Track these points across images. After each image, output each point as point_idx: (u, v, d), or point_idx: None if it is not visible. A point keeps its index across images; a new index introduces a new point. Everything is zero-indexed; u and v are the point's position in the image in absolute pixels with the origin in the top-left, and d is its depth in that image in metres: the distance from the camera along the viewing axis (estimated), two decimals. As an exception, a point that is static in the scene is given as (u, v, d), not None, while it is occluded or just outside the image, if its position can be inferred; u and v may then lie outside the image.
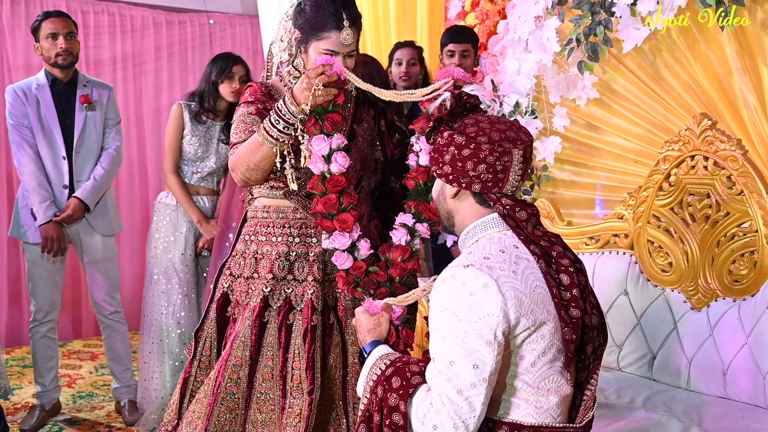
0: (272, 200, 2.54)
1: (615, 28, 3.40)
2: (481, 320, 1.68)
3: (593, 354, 1.87)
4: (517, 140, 1.82)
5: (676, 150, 3.08)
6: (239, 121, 2.46)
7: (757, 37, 3.17)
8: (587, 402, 1.86)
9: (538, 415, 1.77)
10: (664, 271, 3.12)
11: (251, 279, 2.52)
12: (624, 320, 3.19)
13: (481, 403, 1.69)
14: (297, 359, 2.43)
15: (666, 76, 3.45)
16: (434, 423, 1.69)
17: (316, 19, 2.40)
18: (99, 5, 5.59)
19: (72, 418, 4.07)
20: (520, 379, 1.76)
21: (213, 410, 2.39)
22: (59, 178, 3.81)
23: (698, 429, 2.58)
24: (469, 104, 1.98)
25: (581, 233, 3.45)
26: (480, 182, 1.82)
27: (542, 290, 1.76)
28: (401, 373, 1.79)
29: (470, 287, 1.70)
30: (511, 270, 1.73)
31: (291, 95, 2.26)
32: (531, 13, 3.67)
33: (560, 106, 3.73)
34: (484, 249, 1.79)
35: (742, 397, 2.80)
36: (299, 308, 2.47)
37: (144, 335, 3.86)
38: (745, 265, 2.88)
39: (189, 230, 3.88)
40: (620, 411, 2.77)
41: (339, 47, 2.39)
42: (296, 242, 2.50)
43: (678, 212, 3.08)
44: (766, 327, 2.76)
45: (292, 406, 2.40)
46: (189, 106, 3.87)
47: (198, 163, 3.87)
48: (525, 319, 1.71)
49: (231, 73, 3.82)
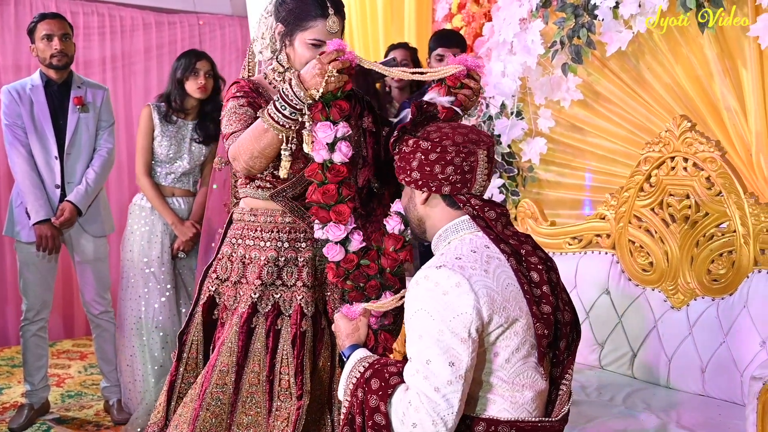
0: (259, 201, 2.50)
1: (598, 30, 3.45)
2: (455, 319, 1.72)
3: (567, 349, 1.91)
4: (480, 141, 1.87)
5: (657, 151, 3.13)
6: (231, 113, 2.38)
7: (737, 40, 3.22)
8: (563, 396, 1.90)
9: (514, 410, 1.81)
10: (645, 271, 3.17)
11: (239, 284, 2.48)
12: (606, 319, 3.24)
13: (458, 400, 1.72)
14: (285, 364, 2.41)
15: (648, 79, 3.50)
16: (413, 421, 1.73)
17: (300, 9, 2.35)
18: (88, 6, 5.61)
19: (61, 417, 4.09)
20: (496, 376, 1.80)
21: (198, 415, 2.37)
22: (51, 178, 3.85)
23: (676, 425, 2.63)
24: (429, 113, 2.00)
25: (564, 233, 3.49)
26: (449, 184, 1.87)
27: (514, 288, 1.80)
28: (380, 375, 1.83)
29: (443, 287, 1.74)
30: (482, 269, 1.78)
31: (298, 79, 2.13)
32: (516, 16, 3.71)
33: (545, 107, 3.77)
34: (455, 250, 1.84)
35: (720, 395, 2.85)
36: (288, 314, 2.45)
37: (124, 338, 3.83)
38: (724, 264, 2.93)
39: (165, 232, 3.86)
40: (600, 408, 2.81)
41: (326, 36, 2.34)
42: (285, 247, 2.47)
43: (658, 212, 3.13)
44: (744, 325, 2.82)
45: (279, 409, 2.40)
46: (158, 107, 3.85)
47: (171, 164, 3.85)
48: (498, 316, 1.75)
49: (195, 69, 3.78)
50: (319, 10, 2.33)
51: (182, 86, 3.80)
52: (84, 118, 3.91)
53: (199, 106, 3.87)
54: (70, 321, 5.71)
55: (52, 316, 5.39)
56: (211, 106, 3.86)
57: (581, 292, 3.33)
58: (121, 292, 3.88)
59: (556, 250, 3.47)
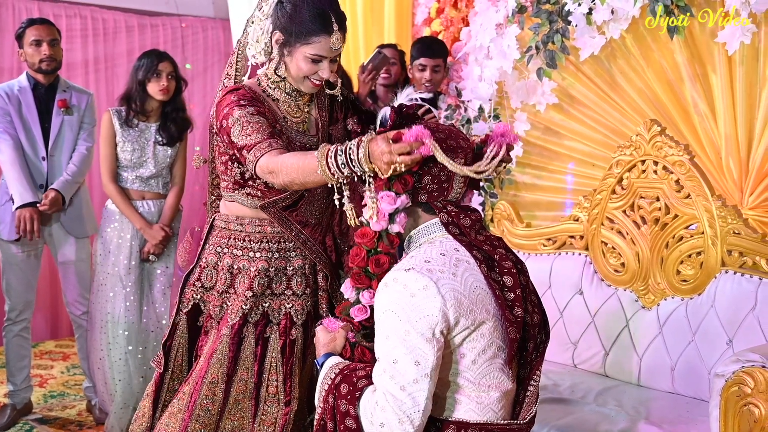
0: (246, 210, 2.46)
1: (572, 36, 3.52)
2: (421, 320, 1.76)
3: (535, 351, 1.95)
4: (458, 149, 1.88)
5: (628, 155, 3.20)
6: (244, 122, 2.25)
7: (706, 45, 3.29)
8: (530, 398, 1.94)
9: (480, 410, 1.85)
10: (617, 272, 3.24)
11: (226, 294, 2.47)
12: (579, 319, 3.31)
13: (424, 398, 1.75)
14: (274, 371, 2.43)
15: (621, 83, 3.57)
16: (381, 421, 1.77)
17: (302, 22, 2.26)
18: (71, 9, 5.63)
19: (43, 417, 4.12)
20: (462, 376, 1.84)
21: (188, 425, 2.37)
22: (37, 178, 3.90)
23: (645, 422, 2.70)
24: (408, 115, 1.98)
25: (539, 234, 3.56)
26: (426, 193, 1.90)
27: (481, 291, 1.83)
28: (348, 379, 1.88)
29: (411, 289, 1.78)
30: (450, 272, 1.81)
31: (366, 150, 1.92)
32: (492, 21, 3.78)
33: (521, 111, 3.84)
34: (425, 253, 1.87)
35: (689, 392, 2.93)
36: (276, 321, 2.46)
37: (95, 340, 3.84)
38: (692, 265, 3.01)
39: (134, 237, 3.84)
40: (572, 405, 2.88)
41: (328, 52, 2.29)
42: (276, 257, 2.46)
43: (630, 215, 3.21)
44: (711, 325, 2.89)
45: (265, 414, 2.42)
46: (118, 112, 3.82)
47: (136, 168, 3.82)
48: (464, 318, 1.79)
49: (158, 71, 3.74)
50: (323, 26, 2.26)
51: (144, 88, 3.75)
52: (68, 121, 3.96)
53: (161, 108, 3.84)
54: (55, 322, 5.73)
55: (36, 317, 5.43)
56: (171, 107, 3.83)
57: (555, 293, 3.39)
58: (92, 294, 3.89)
59: (531, 251, 3.54)
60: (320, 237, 2.52)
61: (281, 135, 2.37)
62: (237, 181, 2.44)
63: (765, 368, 2.25)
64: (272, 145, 2.21)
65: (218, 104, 2.38)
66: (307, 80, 2.36)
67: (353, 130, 2.58)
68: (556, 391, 3.04)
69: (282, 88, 2.43)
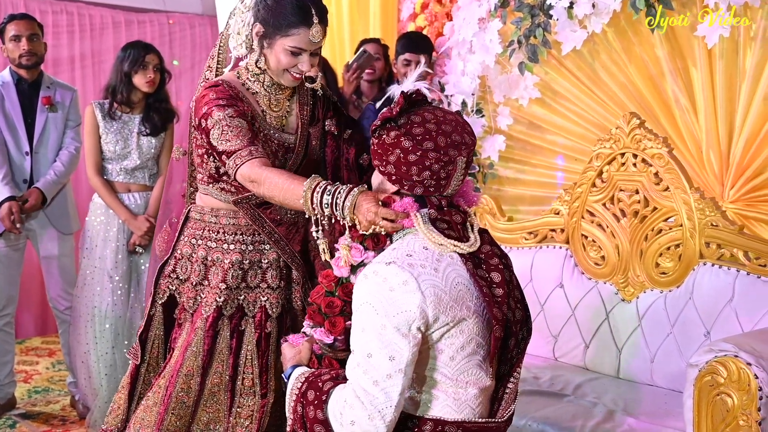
0: (221, 203, 2.45)
1: (553, 30, 3.53)
2: (398, 315, 1.72)
3: (516, 348, 1.91)
4: (462, 145, 1.83)
5: (608, 148, 3.21)
6: (224, 125, 2.25)
7: (686, 39, 3.31)
8: (509, 395, 1.90)
9: (457, 406, 1.81)
10: (597, 264, 3.25)
11: (200, 286, 2.46)
12: (560, 312, 3.31)
13: (397, 393, 1.71)
14: (249, 364, 2.43)
15: (603, 77, 3.59)
16: (351, 419, 1.73)
17: (283, 14, 2.25)
18: (57, 5, 5.62)
19: (27, 412, 4.11)
20: (440, 372, 1.79)
21: (164, 418, 2.36)
22: (20, 174, 3.90)
23: (622, 413, 2.71)
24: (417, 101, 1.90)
25: (521, 228, 3.56)
26: (422, 187, 1.83)
27: (463, 287, 1.78)
28: (314, 386, 1.85)
29: (390, 283, 1.74)
30: (432, 267, 1.77)
31: (353, 203, 1.96)
32: (475, 15, 3.79)
33: (504, 105, 3.85)
34: (408, 246, 1.82)
35: (668, 384, 2.93)
36: (251, 314, 2.45)
37: (79, 335, 3.83)
38: (671, 258, 3.02)
39: (121, 230, 3.84)
40: (551, 398, 2.89)
41: (307, 45, 2.27)
42: (250, 250, 2.44)
43: (610, 207, 3.21)
44: (689, 317, 2.91)
45: (241, 406, 2.41)
46: (101, 105, 3.83)
47: (120, 160, 3.82)
48: (444, 315, 1.75)
49: (144, 63, 3.74)
50: (303, 18, 2.25)
51: (130, 80, 3.76)
52: (52, 118, 3.96)
53: (145, 100, 3.84)
54: (42, 318, 5.71)
55: (24, 314, 5.43)
56: (154, 98, 3.84)
57: (536, 286, 3.40)
58: (77, 288, 3.88)
59: (513, 245, 3.55)
60: (296, 237, 2.49)
61: (259, 133, 2.37)
62: (212, 175, 2.43)
63: (737, 358, 2.26)
64: (253, 153, 2.22)
65: (198, 100, 2.37)
66: (287, 73, 2.35)
67: (330, 131, 2.56)
68: (535, 383, 3.04)
69: (262, 81, 2.41)
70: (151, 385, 2.49)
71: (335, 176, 2.56)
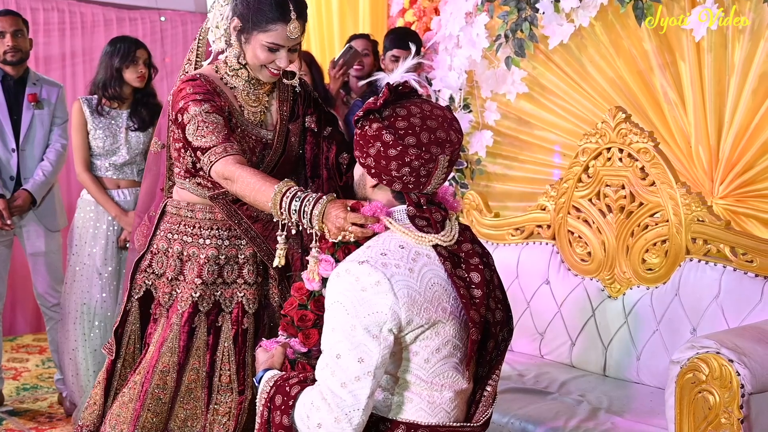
0: (198, 198, 2.43)
1: (540, 24, 3.49)
2: (369, 316, 1.67)
3: (495, 350, 1.85)
4: (446, 143, 1.76)
5: (594, 142, 3.17)
6: (199, 121, 2.23)
7: (675, 33, 3.27)
8: (487, 399, 1.85)
9: (431, 410, 1.77)
10: (584, 261, 3.21)
11: (176, 281, 2.44)
12: (546, 309, 3.28)
13: (366, 396, 1.67)
14: (226, 361, 2.41)
15: (591, 72, 3.55)
16: (318, 421, 1.68)
17: (260, 9, 2.22)
18: (49, 2, 5.59)
19: (14, 409, 4.09)
20: (414, 374, 1.75)
21: (140, 414, 2.35)
22: (6, 171, 3.89)
23: (605, 412, 2.68)
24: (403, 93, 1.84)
25: (508, 224, 3.52)
26: (401, 183, 1.77)
27: (439, 288, 1.73)
28: (281, 390, 1.80)
29: (363, 283, 1.68)
30: (407, 267, 1.72)
31: (321, 212, 1.94)
32: (462, 10, 3.75)
33: (491, 100, 3.81)
34: (383, 244, 1.77)
35: (654, 381, 2.90)
36: (228, 310, 2.43)
37: (68, 331, 3.82)
38: (657, 253, 2.98)
39: (110, 226, 3.83)
40: (535, 395, 2.85)
41: (284, 41, 2.24)
42: (226, 245, 2.43)
43: (596, 203, 3.17)
44: (676, 313, 2.87)
45: (219, 403, 2.40)
46: (89, 100, 3.82)
47: (109, 156, 3.82)
48: (418, 317, 1.70)
49: (135, 58, 3.75)
50: (281, 14, 2.22)
51: (120, 75, 3.75)
52: (39, 115, 3.96)
53: (133, 95, 3.84)
54: (35, 316, 5.68)
55: (15, 311, 5.41)
56: (141, 93, 3.84)
57: (523, 283, 3.36)
58: (66, 285, 3.87)
59: (499, 242, 3.51)
60: (273, 234, 2.40)
61: (236, 128, 2.34)
62: (188, 169, 2.41)
63: (719, 354, 2.22)
64: (227, 150, 2.20)
65: (175, 93, 2.34)
66: (264, 69, 2.33)
67: (309, 128, 2.53)
68: (520, 381, 3.01)
69: (241, 76, 2.39)
70: (127, 381, 2.47)
71: (315, 174, 2.53)
